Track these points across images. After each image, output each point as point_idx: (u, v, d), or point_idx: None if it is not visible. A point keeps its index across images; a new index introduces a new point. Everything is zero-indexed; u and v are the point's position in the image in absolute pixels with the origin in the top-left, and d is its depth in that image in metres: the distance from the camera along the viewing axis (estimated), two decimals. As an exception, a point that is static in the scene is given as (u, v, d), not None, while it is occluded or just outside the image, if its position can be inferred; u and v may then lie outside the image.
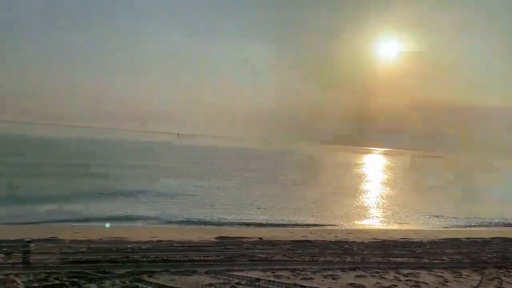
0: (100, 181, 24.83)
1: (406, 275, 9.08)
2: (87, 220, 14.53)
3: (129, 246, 10.37)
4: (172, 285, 7.53)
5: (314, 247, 11.63)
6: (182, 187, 25.00)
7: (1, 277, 7.26)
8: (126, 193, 20.31)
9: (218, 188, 26.36)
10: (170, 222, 15.51)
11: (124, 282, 7.46)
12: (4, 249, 9.18)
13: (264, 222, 17.32)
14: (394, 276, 8.98)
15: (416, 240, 13.69)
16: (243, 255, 10.03)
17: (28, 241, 10.23)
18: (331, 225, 17.58)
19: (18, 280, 7.13)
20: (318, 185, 34.47)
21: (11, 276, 7.32)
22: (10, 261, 8.33)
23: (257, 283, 7.86)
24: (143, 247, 10.29)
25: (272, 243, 11.83)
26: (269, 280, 8.08)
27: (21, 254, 8.86)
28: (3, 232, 11.29)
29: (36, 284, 7.04)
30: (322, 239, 13.16)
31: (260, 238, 12.56)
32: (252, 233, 13.61)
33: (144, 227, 14.47)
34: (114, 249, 9.95)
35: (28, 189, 20.86)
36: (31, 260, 8.45)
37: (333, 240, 12.94)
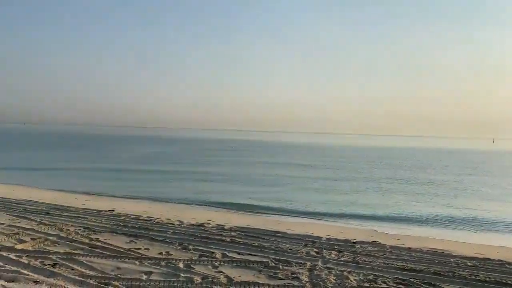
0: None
1: None
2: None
3: (452, 260, 9.77)
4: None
5: None
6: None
7: (338, 272, 8.19)
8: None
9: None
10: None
11: (454, 299, 7.02)
12: (336, 247, 10.39)
13: None
14: None
15: None
16: None
17: (353, 242, 11.29)
18: None
19: (351, 278, 7.85)
20: None
21: (345, 273, 8.14)
22: (342, 258, 9.32)
23: None
24: (469, 264, 9.46)
25: None
26: None
27: (350, 254, 9.81)
28: (328, 230, 12.83)
29: (366, 284, 7.55)
30: None
31: None
32: None
33: (465, 241, 13.28)
34: (436, 261, 9.59)
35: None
36: (359, 260, 9.21)
37: None
